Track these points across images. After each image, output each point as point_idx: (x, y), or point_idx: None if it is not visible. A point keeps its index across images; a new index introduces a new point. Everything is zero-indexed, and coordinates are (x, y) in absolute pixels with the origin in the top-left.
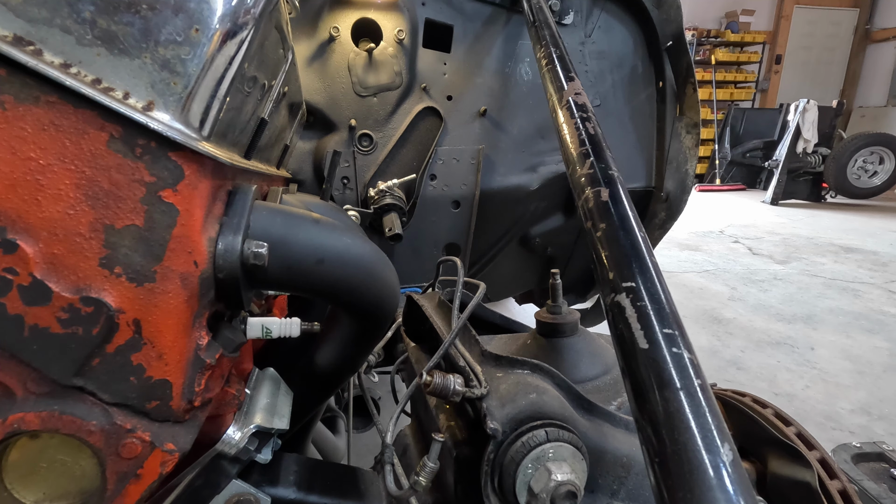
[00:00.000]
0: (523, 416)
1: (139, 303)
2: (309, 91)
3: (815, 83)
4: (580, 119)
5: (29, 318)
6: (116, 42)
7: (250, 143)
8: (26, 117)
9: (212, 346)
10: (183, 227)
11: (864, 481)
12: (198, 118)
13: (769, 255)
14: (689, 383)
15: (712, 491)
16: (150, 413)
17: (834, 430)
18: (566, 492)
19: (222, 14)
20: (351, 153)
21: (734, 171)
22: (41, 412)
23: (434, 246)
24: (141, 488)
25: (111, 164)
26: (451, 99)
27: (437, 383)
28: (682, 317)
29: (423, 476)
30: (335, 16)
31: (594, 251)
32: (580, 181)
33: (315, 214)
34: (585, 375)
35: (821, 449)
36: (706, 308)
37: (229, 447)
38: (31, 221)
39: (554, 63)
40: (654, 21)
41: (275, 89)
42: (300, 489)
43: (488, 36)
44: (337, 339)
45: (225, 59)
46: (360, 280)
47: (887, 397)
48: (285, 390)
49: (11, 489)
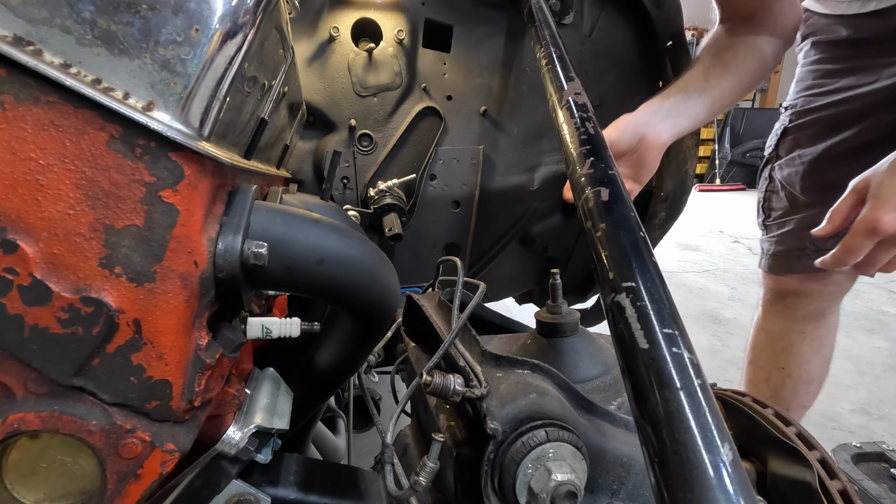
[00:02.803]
0: (523, 416)
1: (139, 303)
2: (309, 91)
3: None
4: (580, 119)
5: (29, 318)
6: (116, 42)
7: (250, 143)
8: (26, 117)
9: (212, 346)
10: (183, 228)
11: (864, 481)
12: (198, 118)
13: None
14: (689, 383)
15: (712, 491)
16: (150, 413)
17: (834, 430)
18: (566, 492)
19: (222, 14)
20: (351, 153)
21: (734, 171)
22: (41, 412)
23: (434, 246)
24: (141, 488)
25: (111, 164)
26: (451, 99)
27: (437, 383)
28: (682, 317)
29: (423, 476)
30: (335, 16)
31: (594, 251)
32: (580, 181)
33: (315, 214)
34: (585, 375)
35: (821, 449)
36: (706, 308)
37: (229, 447)
38: (32, 221)
39: (554, 63)
40: (654, 21)
41: (275, 89)
42: (300, 489)
43: (488, 36)
44: (337, 340)
45: (225, 59)
46: (360, 280)
47: (887, 397)
48: (285, 390)
49: (11, 489)
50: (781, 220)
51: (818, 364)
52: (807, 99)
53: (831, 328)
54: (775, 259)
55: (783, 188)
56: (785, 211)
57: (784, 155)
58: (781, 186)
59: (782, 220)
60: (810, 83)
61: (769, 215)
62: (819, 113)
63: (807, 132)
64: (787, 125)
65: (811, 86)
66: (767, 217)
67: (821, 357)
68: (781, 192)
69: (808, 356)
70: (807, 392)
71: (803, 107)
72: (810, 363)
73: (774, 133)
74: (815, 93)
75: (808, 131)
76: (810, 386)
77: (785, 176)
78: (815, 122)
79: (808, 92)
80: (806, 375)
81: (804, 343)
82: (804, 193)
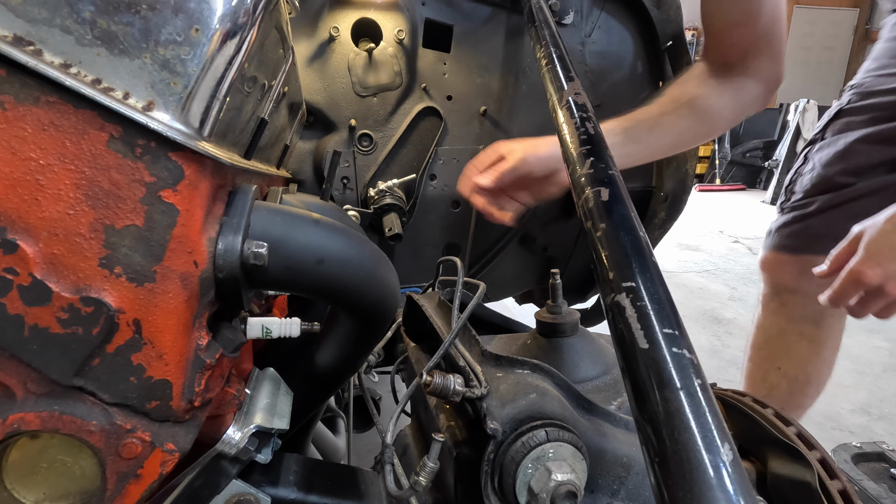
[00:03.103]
0: (523, 416)
1: (139, 303)
2: (309, 91)
3: (815, 83)
4: (580, 119)
5: (29, 318)
6: (116, 42)
7: (250, 143)
8: (26, 117)
9: (212, 346)
10: (183, 228)
11: (864, 481)
12: (198, 118)
13: None
14: (689, 383)
15: (712, 490)
16: (150, 413)
17: (834, 430)
18: (566, 492)
19: (222, 14)
20: (351, 153)
21: (734, 170)
22: (41, 412)
23: (434, 246)
24: (141, 488)
25: (111, 164)
26: (451, 99)
27: (437, 383)
28: (682, 317)
29: (423, 476)
30: (335, 16)
31: (594, 251)
32: (580, 181)
33: (315, 214)
34: (585, 375)
35: (821, 449)
36: (706, 308)
37: (229, 447)
38: (32, 221)
39: (554, 63)
40: (654, 21)
41: (275, 89)
42: (300, 489)
43: (488, 36)
44: (337, 340)
45: (225, 59)
46: (360, 280)
47: (887, 397)
48: (285, 390)
49: (11, 489)
50: (805, 202)
51: (816, 366)
52: (876, 79)
53: (833, 332)
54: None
55: (814, 168)
56: (807, 193)
57: (829, 136)
58: (813, 167)
59: (805, 200)
60: (885, 62)
61: (788, 198)
62: (883, 97)
63: (863, 117)
64: (843, 106)
65: (885, 65)
66: (787, 199)
67: (820, 360)
68: (811, 174)
69: (805, 357)
70: (803, 393)
71: (869, 88)
72: (808, 365)
73: (827, 114)
74: (886, 73)
75: (865, 116)
76: (807, 388)
77: (823, 156)
78: (876, 106)
79: (880, 71)
80: (803, 377)
81: (802, 344)
82: (839, 175)
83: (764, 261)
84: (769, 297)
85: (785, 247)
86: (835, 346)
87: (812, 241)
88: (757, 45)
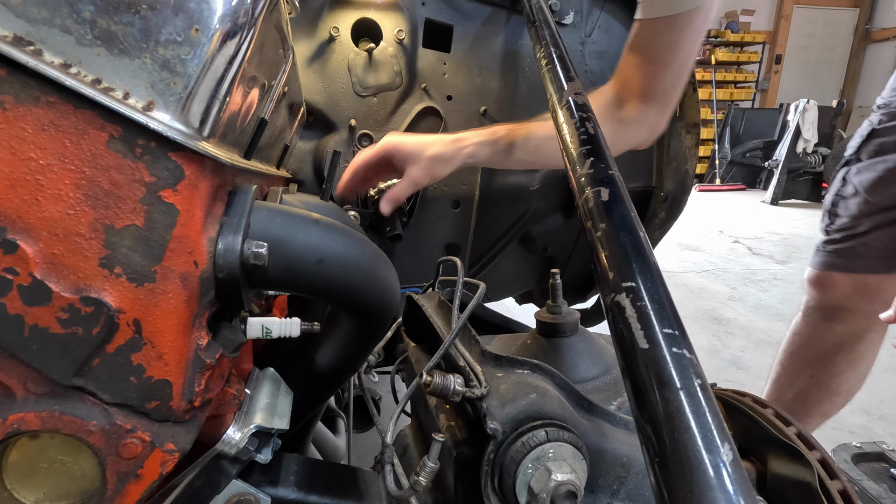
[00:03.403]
0: (523, 416)
1: (139, 303)
2: (309, 91)
3: (815, 83)
4: (580, 119)
5: (29, 318)
6: (116, 42)
7: (250, 143)
8: (26, 117)
9: (212, 346)
10: (183, 228)
11: (864, 481)
12: (198, 118)
13: (769, 255)
14: (689, 383)
15: (712, 491)
16: (150, 413)
17: (834, 430)
18: (566, 492)
19: (222, 14)
20: (351, 153)
21: (734, 171)
22: (41, 412)
23: (434, 246)
24: (141, 488)
25: (111, 164)
26: (451, 99)
27: (437, 383)
28: (682, 317)
29: (423, 476)
30: (335, 16)
31: (594, 251)
32: (580, 181)
33: (315, 214)
34: (585, 375)
35: (821, 449)
36: (706, 308)
37: (229, 447)
38: (31, 221)
39: (554, 63)
40: None
41: (275, 89)
42: (300, 489)
43: (488, 36)
44: (337, 340)
45: (225, 59)
46: (360, 280)
47: (887, 397)
48: (285, 390)
49: (11, 489)
50: (850, 226)
51: (850, 379)
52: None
53: (873, 346)
54: (838, 256)
55: (857, 194)
56: (854, 217)
57: (865, 159)
58: (855, 192)
59: (851, 225)
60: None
61: (833, 221)
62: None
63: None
64: (875, 126)
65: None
66: (831, 223)
67: (855, 373)
68: (855, 199)
69: (840, 369)
70: (831, 403)
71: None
72: (842, 375)
73: (859, 134)
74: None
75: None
76: (837, 398)
77: (864, 181)
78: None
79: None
80: (834, 387)
81: (840, 355)
82: (883, 200)
83: (813, 279)
84: (813, 309)
85: (836, 265)
86: (871, 360)
87: (863, 259)
88: (654, 91)
